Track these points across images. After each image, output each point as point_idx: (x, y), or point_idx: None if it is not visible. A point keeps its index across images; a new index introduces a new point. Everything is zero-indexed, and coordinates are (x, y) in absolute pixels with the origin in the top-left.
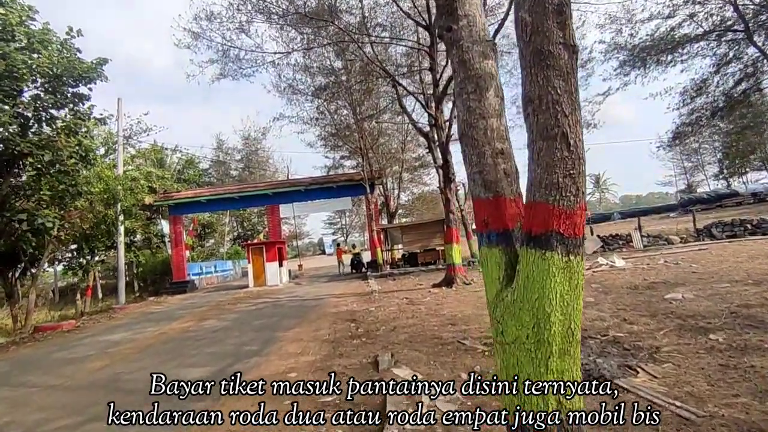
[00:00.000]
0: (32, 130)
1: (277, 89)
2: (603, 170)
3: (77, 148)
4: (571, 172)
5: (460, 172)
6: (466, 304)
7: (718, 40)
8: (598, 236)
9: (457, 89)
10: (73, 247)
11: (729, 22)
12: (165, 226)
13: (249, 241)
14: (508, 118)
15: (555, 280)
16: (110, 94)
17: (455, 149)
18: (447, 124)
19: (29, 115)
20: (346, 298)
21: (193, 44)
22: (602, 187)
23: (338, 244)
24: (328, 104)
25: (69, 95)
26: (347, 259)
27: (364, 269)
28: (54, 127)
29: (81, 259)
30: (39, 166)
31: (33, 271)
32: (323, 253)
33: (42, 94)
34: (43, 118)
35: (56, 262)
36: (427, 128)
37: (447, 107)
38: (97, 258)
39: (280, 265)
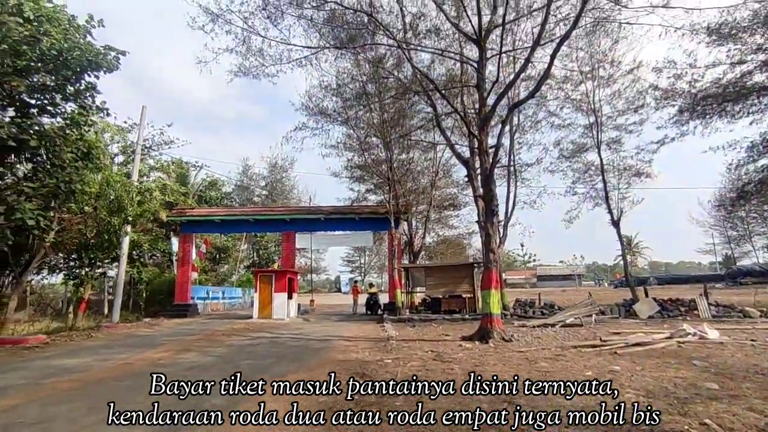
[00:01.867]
0: (33, 120)
1: (306, 109)
2: (635, 233)
3: (79, 143)
4: None
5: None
6: (515, 368)
7: None
8: (654, 299)
9: None
10: (75, 256)
11: None
12: (175, 244)
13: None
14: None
15: None
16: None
17: (499, 181)
18: (492, 150)
19: (28, 99)
20: (357, 343)
21: (208, 26)
22: (634, 250)
23: (355, 282)
24: (358, 130)
25: (74, 83)
26: (363, 298)
27: (380, 311)
28: (55, 116)
29: (80, 270)
30: (29, 156)
31: (21, 278)
32: (339, 291)
33: (48, 81)
34: (46, 107)
35: (57, 271)
36: (467, 154)
37: (493, 132)
38: (99, 270)
39: (290, 297)
